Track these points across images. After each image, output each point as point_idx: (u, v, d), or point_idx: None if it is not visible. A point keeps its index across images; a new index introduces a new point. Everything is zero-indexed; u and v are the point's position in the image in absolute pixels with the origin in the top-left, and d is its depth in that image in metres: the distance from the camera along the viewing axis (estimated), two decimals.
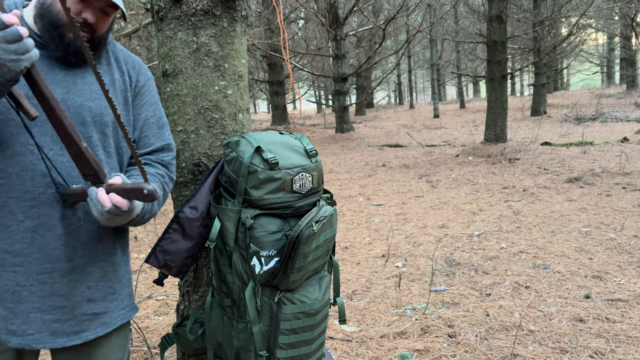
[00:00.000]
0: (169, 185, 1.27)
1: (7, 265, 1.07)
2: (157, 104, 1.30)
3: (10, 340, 1.09)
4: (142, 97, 1.26)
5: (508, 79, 10.72)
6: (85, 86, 1.14)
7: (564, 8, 16.24)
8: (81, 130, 1.13)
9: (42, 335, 1.10)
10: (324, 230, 1.34)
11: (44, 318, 1.10)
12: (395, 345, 2.50)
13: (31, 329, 1.09)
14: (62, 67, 1.12)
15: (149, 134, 1.26)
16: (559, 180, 6.45)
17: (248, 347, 1.37)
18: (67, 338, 1.13)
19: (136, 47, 10.24)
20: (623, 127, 11.96)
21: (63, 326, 1.12)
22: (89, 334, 1.17)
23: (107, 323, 1.21)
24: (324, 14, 13.84)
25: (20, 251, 1.07)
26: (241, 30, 1.68)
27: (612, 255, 3.62)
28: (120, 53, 1.25)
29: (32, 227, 1.07)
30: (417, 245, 4.19)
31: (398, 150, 10.91)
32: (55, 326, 1.12)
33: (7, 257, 1.07)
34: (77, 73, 1.13)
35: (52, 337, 1.11)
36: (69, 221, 1.11)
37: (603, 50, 35.89)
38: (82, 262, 1.14)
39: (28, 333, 1.09)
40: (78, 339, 1.15)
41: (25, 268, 1.08)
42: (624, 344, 2.40)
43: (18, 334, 1.09)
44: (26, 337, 1.09)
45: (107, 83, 1.18)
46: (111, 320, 1.22)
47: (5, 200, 1.06)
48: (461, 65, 26.48)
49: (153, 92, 1.29)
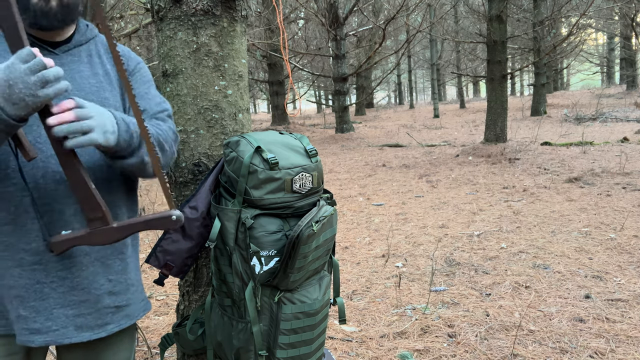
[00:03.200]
0: (170, 134, 1.22)
1: (26, 264, 1.07)
2: (151, 82, 1.28)
3: (33, 340, 1.08)
4: (133, 77, 1.25)
5: (508, 79, 10.72)
6: (84, 80, 1.14)
7: (564, 8, 16.23)
8: None
9: (67, 330, 1.10)
10: (324, 230, 1.34)
11: (67, 313, 1.10)
12: (395, 345, 2.50)
13: (55, 324, 1.09)
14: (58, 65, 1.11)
15: (147, 107, 1.24)
16: (559, 180, 6.45)
17: (248, 347, 1.37)
18: (92, 331, 1.13)
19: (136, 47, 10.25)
20: (623, 127, 11.96)
21: (87, 320, 1.13)
22: (113, 326, 1.17)
23: (131, 315, 1.21)
24: (324, 14, 13.84)
25: (38, 249, 1.07)
26: (241, 30, 1.68)
27: (612, 255, 3.62)
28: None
29: (48, 225, 1.07)
30: (417, 245, 4.19)
31: (398, 150, 10.91)
32: (80, 320, 1.12)
33: (26, 255, 1.07)
34: (72, 68, 1.13)
35: (78, 331, 1.11)
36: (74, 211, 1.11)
37: (603, 50, 35.89)
38: (100, 255, 1.14)
39: (53, 329, 1.09)
40: (103, 331, 1.15)
41: (44, 265, 1.08)
42: (624, 344, 2.40)
43: (42, 332, 1.08)
44: (51, 334, 1.09)
45: (101, 74, 1.17)
46: (134, 312, 1.22)
47: (20, 199, 1.06)
48: (461, 65, 26.48)
49: (144, 73, 1.28)
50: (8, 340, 1.12)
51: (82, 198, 0.99)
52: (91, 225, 1.01)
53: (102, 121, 0.98)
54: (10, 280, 1.07)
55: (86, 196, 0.98)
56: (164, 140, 1.18)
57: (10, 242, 1.06)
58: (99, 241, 1.01)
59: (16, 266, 1.07)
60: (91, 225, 1.01)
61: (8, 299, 1.09)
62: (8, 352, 1.13)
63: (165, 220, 1.00)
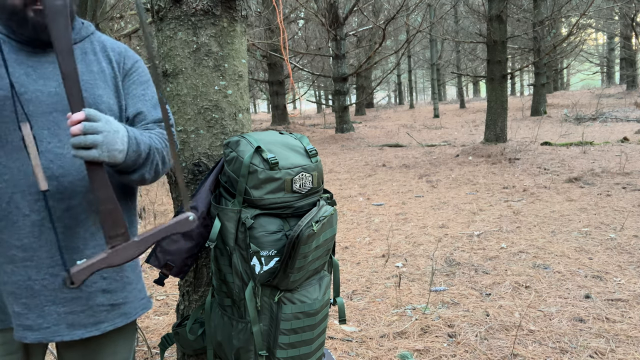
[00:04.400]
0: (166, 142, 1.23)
1: (18, 261, 1.07)
2: (149, 82, 1.27)
3: (26, 336, 1.08)
4: (131, 77, 1.24)
5: (508, 79, 10.72)
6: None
7: (564, 8, 16.23)
8: None
9: (59, 328, 1.10)
10: (324, 230, 1.34)
11: (58, 310, 1.10)
12: (395, 345, 2.50)
13: (47, 322, 1.09)
14: (50, 62, 1.11)
15: (144, 109, 1.23)
16: (559, 180, 6.45)
17: (248, 347, 1.37)
18: (84, 329, 1.13)
19: (136, 47, 10.25)
20: (623, 127, 11.96)
21: (79, 317, 1.12)
22: (107, 325, 1.16)
23: (128, 313, 1.20)
24: (324, 14, 13.84)
25: (29, 245, 1.07)
26: (241, 30, 1.68)
27: (612, 255, 3.62)
28: (107, 41, 1.23)
29: (39, 221, 1.07)
30: (417, 245, 4.19)
31: (398, 150, 10.91)
32: (71, 318, 1.11)
33: (17, 252, 1.07)
34: None
35: (70, 329, 1.11)
36: (76, 212, 1.11)
37: (603, 50, 35.89)
38: (93, 253, 1.14)
39: (44, 327, 1.09)
40: (96, 330, 1.14)
41: (36, 262, 1.08)
42: (624, 344, 2.40)
43: (34, 329, 1.09)
44: (42, 331, 1.09)
45: (95, 72, 1.17)
46: (132, 311, 1.21)
47: (10, 196, 1.06)
48: (461, 65, 26.48)
49: (142, 72, 1.27)
50: (6, 334, 1.13)
51: (107, 213, 0.97)
52: (111, 242, 0.98)
53: (112, 138, 1.00)
54: (4, 277, 1.08)
55: (112, 211, 0.97)
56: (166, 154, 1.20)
57: (2, 239, 1.07)
58: (119, 260, 0.98)
59: (8, 262, 1.07)
60: (111, 242, 0.98)
61: (5, 295, 1.09)
62: (7, 351, 1.13)
63: (184, 223, 1.01)
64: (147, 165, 1.13)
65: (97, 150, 0.96)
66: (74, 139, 0.95)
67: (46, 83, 1.09)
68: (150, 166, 1.14)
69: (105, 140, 0.98)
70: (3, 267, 1.08)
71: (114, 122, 1.03)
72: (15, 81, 1.06)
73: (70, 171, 1.09)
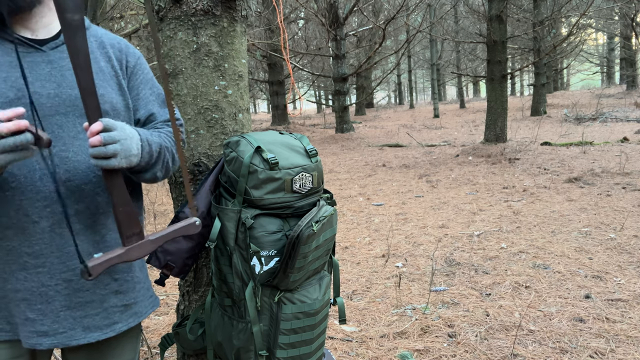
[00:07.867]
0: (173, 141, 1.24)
1: (30, 268, 1.07)
2: (153, 80, 1.27)
3: (41, 342, 1.08)
4: (136, 76, 1.23)
5: (508, 79, 10.72)
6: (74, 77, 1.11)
7: (564, 8, 16.24)
8: (80, 122, 1.10)
9: (75, 332, 1.10)
10: (324, 230, 1.34)
11: (74, 315, 1.10)
12: (395, 345, 2.50)
13: (62, 327, 1.09)
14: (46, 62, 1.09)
15: (154, 110, 1.24)
16: (559, 180, 6.45)
17: (248, 347, 1.37)
18: (100, 332, 1.13)
19: (136, 47, 10.26)
20: (623, 127, 11.96)
21: (94, 320, 1.12)
22: (121, 325, 1.16)
23: (139, 313, 1.21)
24: (324, 14, 13.84)
25: (40, 252, 1.06)
26: (241, 30, 1.68)
27: (612, 255, 3.63)
28: (105, 37, 1.20)
29: (49, 227, 1.06)
30: (417, 245, 4.19)
31: (398, 150, 10.91)
32: (87, 321, 1.11)
33: (29, 259, 1.06)
34: (62, 65, 1.10)
35: (85, 332, 1.11)
36: (85, 216, 1.10)
37: (603, 50, 35.89)
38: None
39: (60, 332, 1.09)
40: (111, 331, 1.15)
41: (48, 268, 1.07)
42: (624, 344, 2.40)
43: (50, 334, 1.08)
44: (58, 336, 1.09)
45: (94, 71, 1.14)
46: (142, 310, 1.22)
47: (19, 203, 1.05)
48: (461, 65, 26.48)
49: (146, 70, 1.26)
50: (12, 345, 1.12)
51: (124, 214, 1.01)
52: (128, 241, 1.02)
53: (128, 145, 1.02)
54: (17, 284, 1.07)
55: (128, 213, 1.01)
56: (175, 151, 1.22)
57: (13, 246, 1.06)
58: (135, 256, 1.03)
59: (21, 270, 1.07)
60: (128, 241, 1.02)
61: (14, 303, 1.08)
62: (12, 355, 1.12)
63: (190, 226, 1.08)
64: (158, 164, 1.15)
65: (116, 160, 0.98)
66: (95, 150, 0.96)
67: (44, 85, 1.07)
68: (162, 165, 1.16)
69: (123, 148, 1.00)
70: (15, 274, 1.07)
71: (127, 128, 1.04)
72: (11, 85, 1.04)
73: (76, 174, 1.09)
